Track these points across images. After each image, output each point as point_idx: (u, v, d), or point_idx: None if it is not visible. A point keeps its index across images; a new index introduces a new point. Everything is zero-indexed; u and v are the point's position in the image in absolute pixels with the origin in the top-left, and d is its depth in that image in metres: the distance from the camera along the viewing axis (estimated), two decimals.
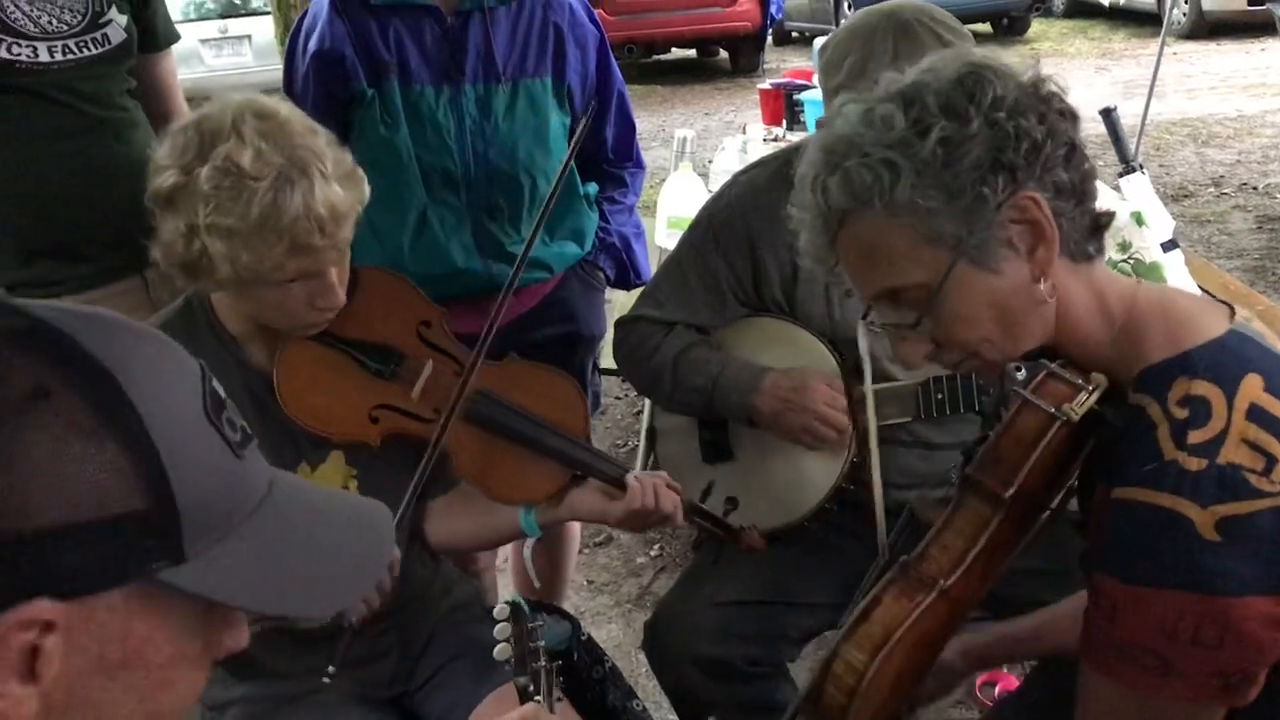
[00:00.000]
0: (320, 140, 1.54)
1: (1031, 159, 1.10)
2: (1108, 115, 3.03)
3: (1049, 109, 1.12)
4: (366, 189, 1.59)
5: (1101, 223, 1.18)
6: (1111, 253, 2.88)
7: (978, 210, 1.09)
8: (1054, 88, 1.15)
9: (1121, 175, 2.97)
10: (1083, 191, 1.14)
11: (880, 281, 1.16)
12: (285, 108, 1.55)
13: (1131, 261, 2.89)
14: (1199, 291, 2.93)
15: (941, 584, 1.15)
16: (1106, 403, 1.12)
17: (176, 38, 2.37)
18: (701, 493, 1.83)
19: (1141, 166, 3.02)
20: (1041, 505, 1.20)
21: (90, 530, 0.67)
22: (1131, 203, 2.93)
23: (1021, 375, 1.13)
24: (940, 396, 1.87)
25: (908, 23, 1.72)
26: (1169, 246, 2.88)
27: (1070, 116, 1.15)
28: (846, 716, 1.15)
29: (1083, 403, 1.10)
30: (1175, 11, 10.80)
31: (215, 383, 0.78)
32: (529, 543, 1.96)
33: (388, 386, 1.67)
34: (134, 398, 0.70)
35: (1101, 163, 3.09)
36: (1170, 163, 7.15)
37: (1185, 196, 6.46)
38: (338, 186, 1.50)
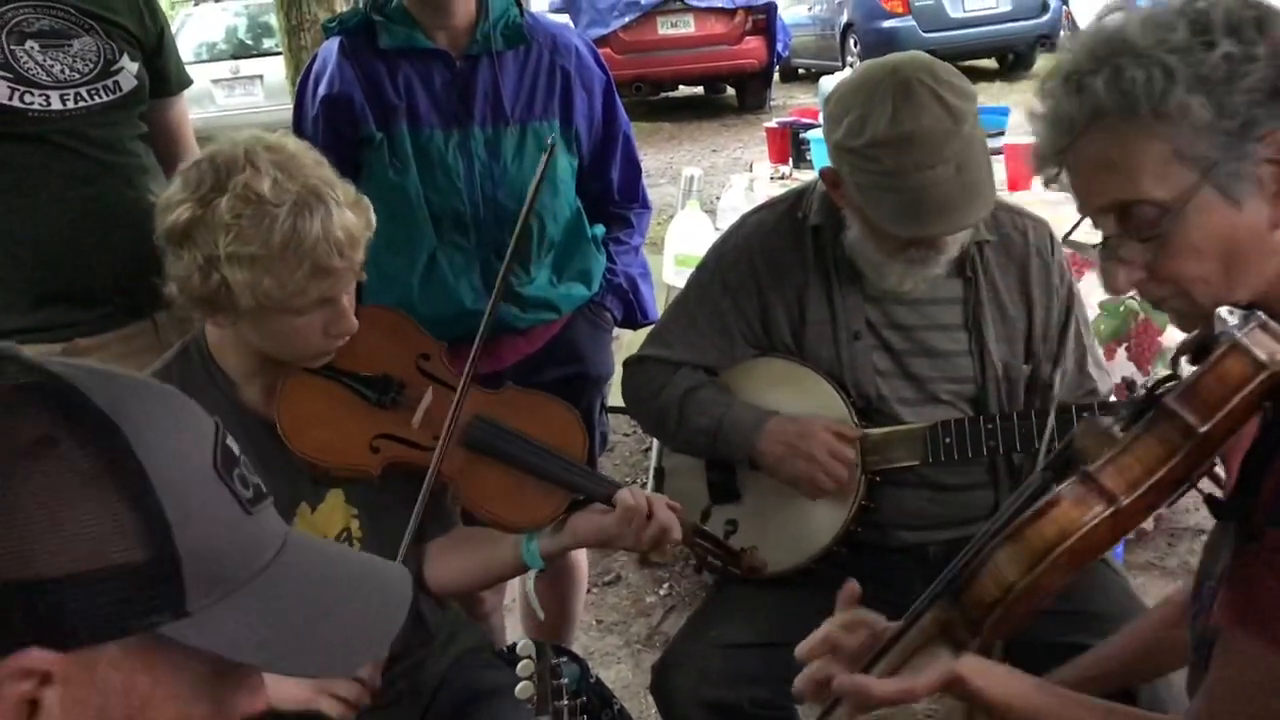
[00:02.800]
0: (328, 170, 1.60)
1: None
2: None
3: None
4: (373, 216, 1.64)
5: None
6: None
7: (1240, 137, 1.06)
8: None
9: None
10: None
11: (1115, 193, 1.11)
12: (291, 141, 1.61)
13: (1139, 299, 2.88)
14: None
15: (1120, 501, 1.09)
16: None
17: (189, 82, 2.40)
18: (701, 515, 1.83)
19: None
20: (1209, 456, 1.13)
21: (89, 580, 0.67)
22: None
23: (1234, 321, 1.09)
24: (949, 441, 1.87)
25: (909, 82, 1.73)
26: None
27: None
28: (993, 612, 1.12)
29: None
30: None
31: (230, 440, 0.78)
32: (530, 575, 1.95)
33: (388, 415, 1.69)
34: (140, 451, 0.70)
35: None
36: None
37: None
38: (350, 212, 1.56)
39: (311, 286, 1.53)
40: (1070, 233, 1.25)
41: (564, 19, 12.04)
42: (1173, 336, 2.89)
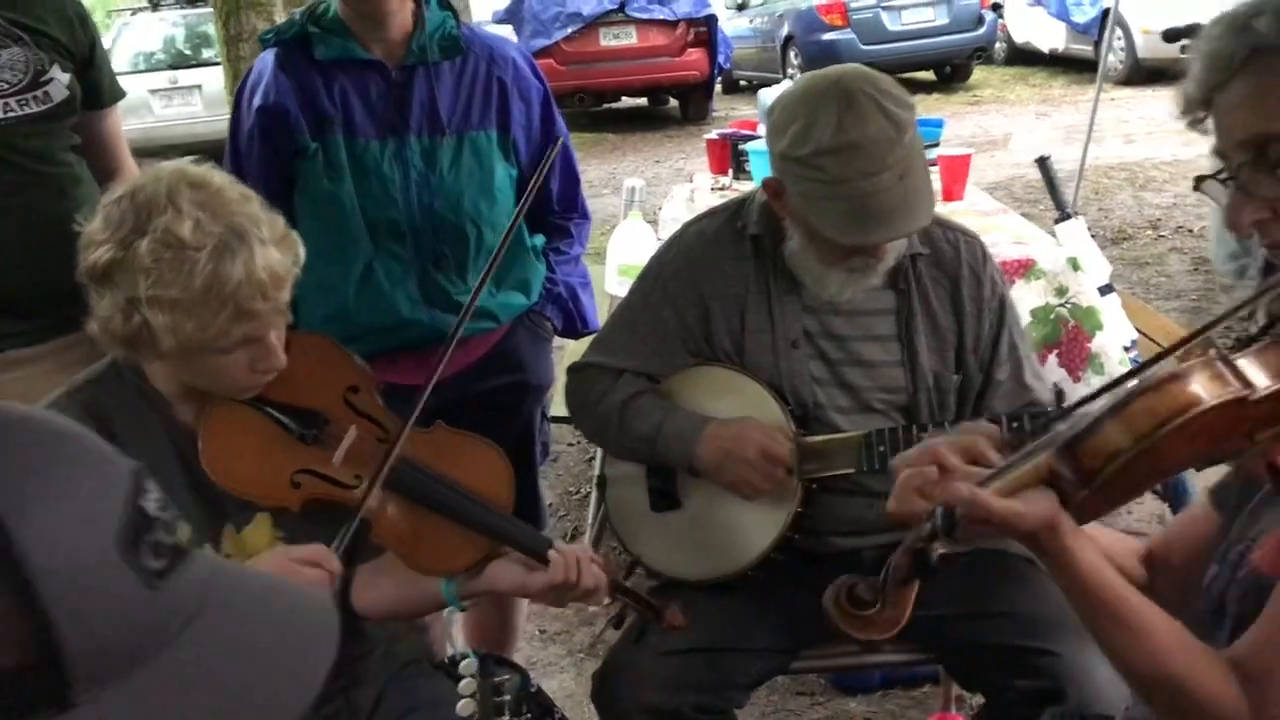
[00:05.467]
0: (254, 205, 1.55)
1: None
2: (1043, 164, 3.12)
3: None
4: (301, 250, 1.60)
5: None
6: (1048, 297, 2.95)
7: None
8: None
9: (1058, 221, 3.05)
10: None
11: (1257, 126, 1.13)
12: (217, 176, 1.56)
13: (1069, 306, 2.95)
14: (1135, 335, 3.00)
15: (1256, 389, 1.07)
16: None
17: (122, 95, 2.37)
18: (626, 569, 1.82)
19: (1077, 212, 3.10)
20: None
21: None
22: (1068, 248, 3.00)
23: None
24: (883, 449, 1.89)
25: (851, 91, 1.76)
26: (1105, 290, 2.96)
27: None
28: (1111, 464, 1.09)
29: None
30: (1112, 58, 11.08)
31: (149, 494, 0.71)
32: (448, 611, 1.93)
33: (310, 451, 1.66)
34: (24, 545, 0.63)
35: (1042, 207, 3.17)
36: (1109, 206, 7.31)
37: (1124, 239, 6.60)
38: (275, 250, 1.52)
39: (235, 329, 1.50)
40: (1203, 181, 1.24)
41: (507, 30, 12.09)
42: (1102, 343, 2.95)
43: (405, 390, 1.76)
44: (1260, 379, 1.05)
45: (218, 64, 7.13)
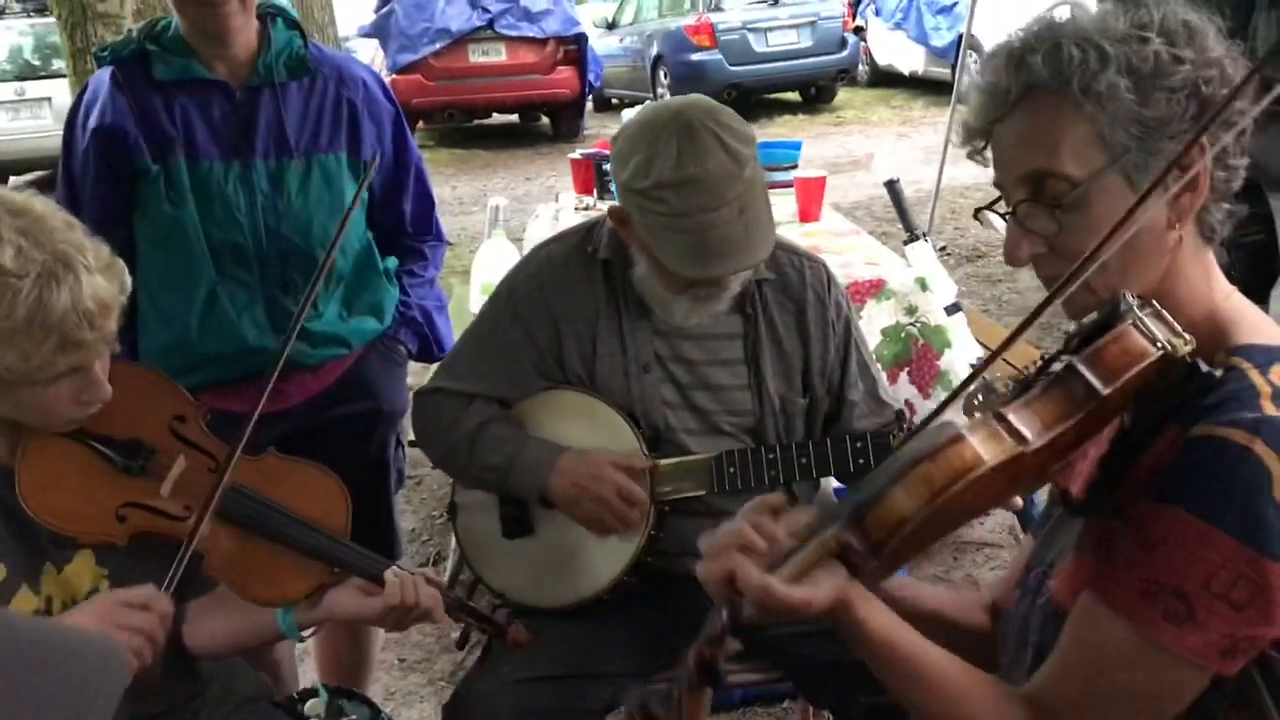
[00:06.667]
0: (79, 234, 1.50)
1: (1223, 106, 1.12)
2: (891, 186, 3.21)
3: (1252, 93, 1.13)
4: (128, 279, 1.55)
5: (1234, 214, 1.20)
6: (898, 316, 3.03)
7: (1155, 131, 1.12)
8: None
9: (907, 243, 3.14)
10: (1234, 170, 1.17)
11: (1034, 162, 1.16)
12: (39, 203, 1.50)
13: (919, 325, 3.04)
14: (983, 351, 3.10)
15: (1029, 445, 1.09)
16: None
17: None
18: (468, 589, 1.81)
19: (925, 234, 3.20)
20: (1097, 429, 1.17)
21: None
22: (916, 269, 3.09)
23: (1135, 302, 1.13)
24: (732, 470, 1.92)
25: (692, 125, 1.78)
26: (952, 310, 3.05)
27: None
28: (896, 534, 1.09)
29: (1181, 345, 1.10)
30: (967, 80, 11.48)
31: None
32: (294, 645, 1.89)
33: (135, 483, 1.61)
34: None
35: (900, 226, 3.25)
36: (964, 225, 7.55)
37: (979, 257, 6.84)
38: (101, 279, 1.47)
39: (60, 360, 1.44)
40: (981, 212, 1.30)
41: (373, 44, 11.94)
42: (950, 360, 3.05)
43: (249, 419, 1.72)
44: (1032, 432, 1.09)
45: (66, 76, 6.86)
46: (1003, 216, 1.22)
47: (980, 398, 1.17)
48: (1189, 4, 1.18)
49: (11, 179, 10.66)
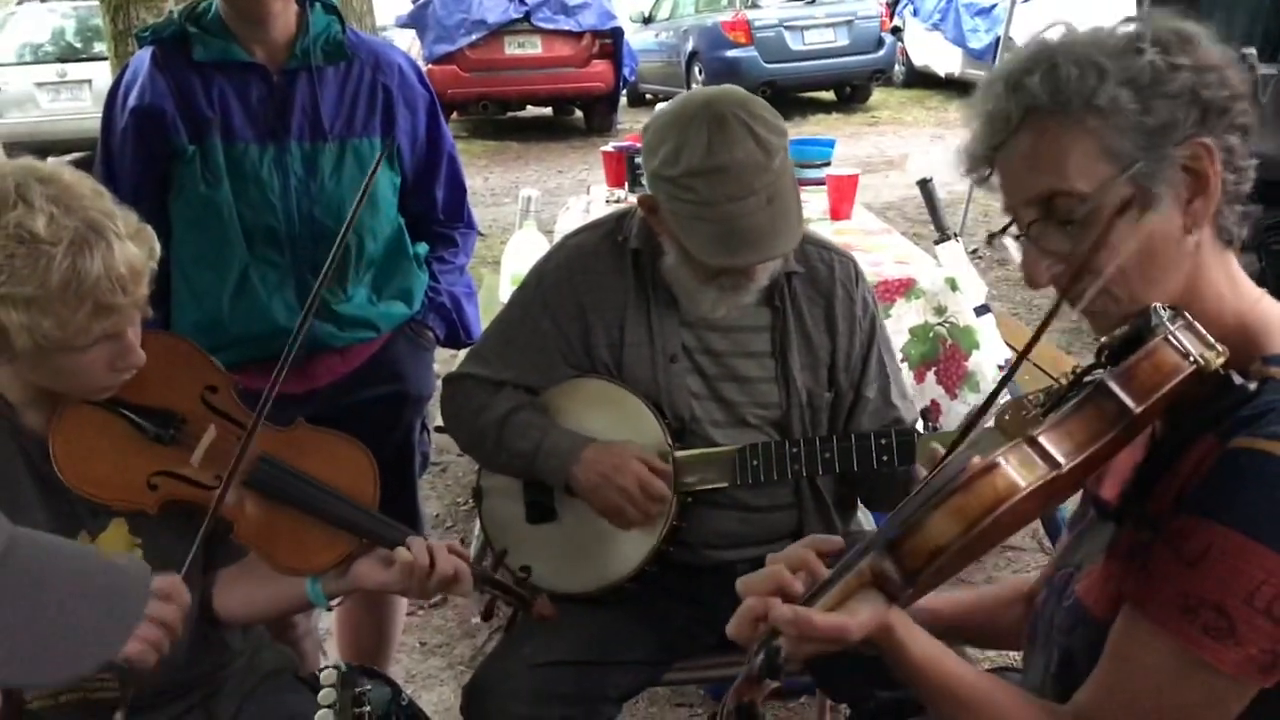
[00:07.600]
0: (108, 200, 1.52)
1: (1225, 108, 1.13)
2: (924, 186, 3.19)
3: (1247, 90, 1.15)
4: (157, 245, 1.57)
5: (1249, 214, 1.20)
6: (927, 316, 3.02)
7: (1161, 136, 1.12)
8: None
9: (938, 242, 3.12)
10: (1243, 172, 1.17)
11: (1042, 184, 1.16)
12: (67, 171, 1.52)
13: (947, 325, 3.03)
14: (1010, 354, 3.09)
15: (1061, 467, 1.10)
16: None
17: None
18: (494, 561, 1.82)
19: (957, 235, 3.18)
20: (1128, 441, 1.17)
21: None
22: (946, 269, 3.08)
23: (1166, 315, 1.13)
24: (756, 463, 1.92)
25: (723, 115, 1.78)
26: (981, 311, 3.04)
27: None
28: (931, 564, 1.10)
29: (1214, 358, 1.10)
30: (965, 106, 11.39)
31: None
32: (317, 613, 1.91)
33: (167, 452, 1.63)
34: None
35: (932, 227, 3.24)
36: (996, 228, 7.49)
37: (1009, 261, 6.79)
38: (132, 245, 1.49)
39: (94, 325, 1.46)
40: (994, 237, 1.29)
41: (410, 34, 11.98)
42: (978, 361, 3.03)
43: (277, 399, 1.73)
44: (1064, 455, 1.09)
45: (107, 59, 6.93)
46: (1016, 239, 1.22)
47: (1010, 413, 1.18)
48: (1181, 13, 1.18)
49: (50, 159, 10.78)
